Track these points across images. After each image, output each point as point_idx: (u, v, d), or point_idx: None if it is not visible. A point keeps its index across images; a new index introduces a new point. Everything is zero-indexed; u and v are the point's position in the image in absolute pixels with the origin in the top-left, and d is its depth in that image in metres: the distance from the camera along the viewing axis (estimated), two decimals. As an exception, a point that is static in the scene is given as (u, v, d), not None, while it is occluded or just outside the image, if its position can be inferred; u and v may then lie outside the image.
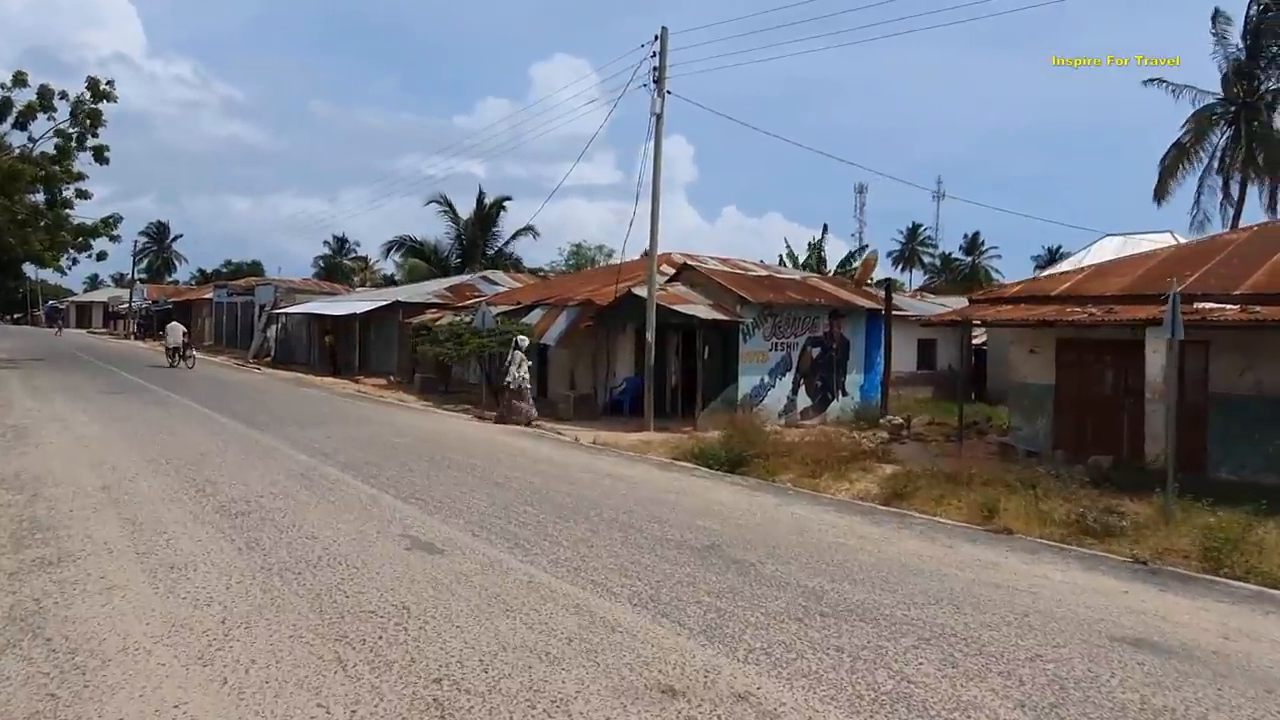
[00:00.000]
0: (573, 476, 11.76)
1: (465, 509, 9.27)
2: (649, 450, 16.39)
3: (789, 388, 21.74)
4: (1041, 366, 16.55)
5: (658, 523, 8.99)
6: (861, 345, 23.16)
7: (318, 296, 43.41)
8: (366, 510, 9.07)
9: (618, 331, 23.03)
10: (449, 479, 11.07)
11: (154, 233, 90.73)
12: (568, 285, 27.71)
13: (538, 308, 25.38)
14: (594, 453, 14.83)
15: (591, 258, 64.12)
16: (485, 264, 45.06)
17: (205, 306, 55.45)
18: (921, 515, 10.50)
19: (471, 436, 16.09)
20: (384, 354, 35.31)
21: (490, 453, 13.75)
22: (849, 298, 23.30)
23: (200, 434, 14.45)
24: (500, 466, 12.27)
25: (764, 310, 21.08)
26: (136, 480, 10.35)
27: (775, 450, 15.23)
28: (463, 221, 45.32)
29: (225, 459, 11.99)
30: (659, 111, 20.02)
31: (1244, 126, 32.62)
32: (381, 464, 11.98)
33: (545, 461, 13.02)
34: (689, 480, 12.13)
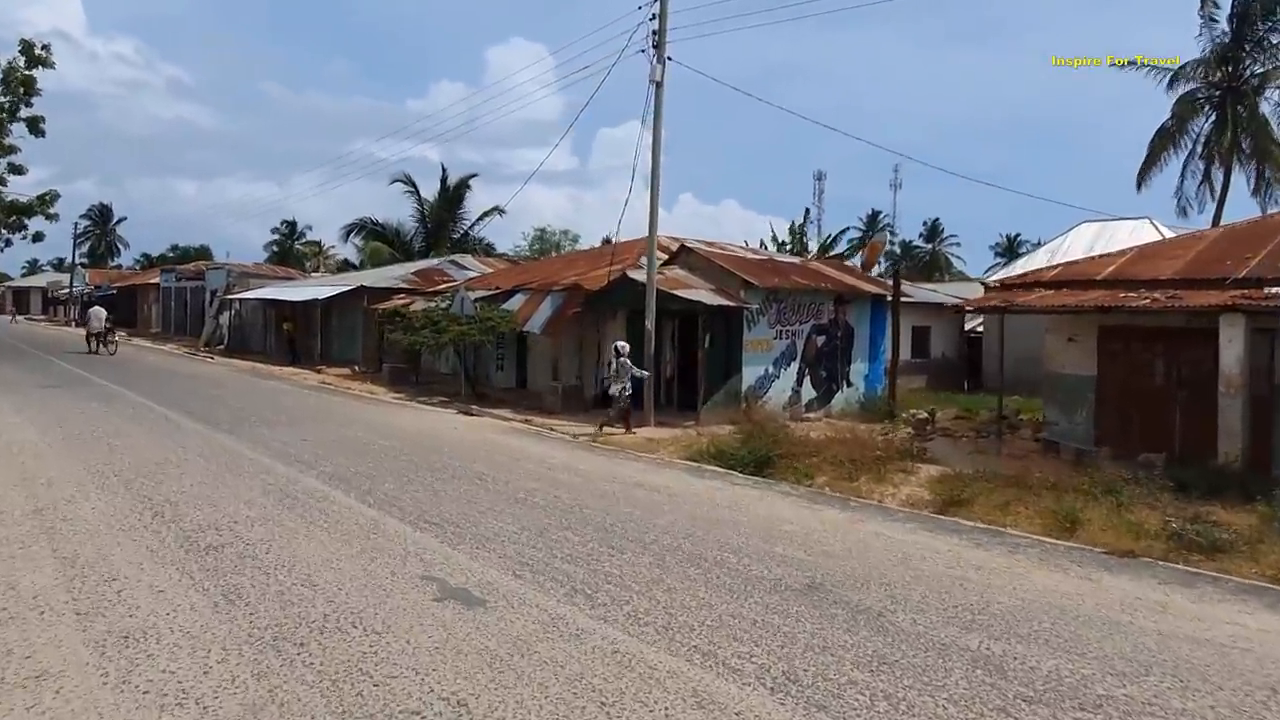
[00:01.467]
0: (600, 488, 10.00)
1: (492, 536, 7.47)
2: (658, 449, 14.70)
3: (793, 378, 20.17)
4: (1081, 356, 15.16)
5: (731, 552, 7.29)
6: (866, 333, 21.67)
7: (273, 281, 40.87)
8: (371, 540, 7.23)
9: (607, 319, 21.22)
10: (459, 494, 9.24)
11: (96, 216, 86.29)
12: (549, 269, 25.82)
13: (519, 293, 23.46)
14: (606, 456, 13.07)
15: (556, 243, 62.14)
16: (451, 247, 42.86)
17: (152, 292, 52.33)
18: (1016, 533, 8.93)
19: (463, 437, 14.22)
20: (347, 342, 33.06)
21: (493, 457, 11.92)
22: (854, 283, 21.78)
23: (154, 437, 12.39)
24: (513, 475, 10.47)
25: (769, 296, 19.45)
26: (78, 500, 8.36)
27: (801, 449, 13.65)
28: (427, 203, 42.99)
29: (186, 470, 10.00)
30: (659, 79, 18.20)
31: (1230, 111, 31.76)
32: (373, 474, 10.10)
33: (561, 469, 11.23)
34: (733, 490, 10.43)
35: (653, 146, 18.36)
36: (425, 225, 43.54)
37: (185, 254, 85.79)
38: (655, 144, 18.32)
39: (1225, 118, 31.87)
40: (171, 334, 46.59)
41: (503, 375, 24.69)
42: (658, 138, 18.33)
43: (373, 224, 43.78)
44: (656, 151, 18.34)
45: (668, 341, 21.08)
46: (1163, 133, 33.46)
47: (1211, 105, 32.94)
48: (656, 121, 18.30)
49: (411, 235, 44.17)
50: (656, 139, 18.31)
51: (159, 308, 50.48)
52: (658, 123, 18.32)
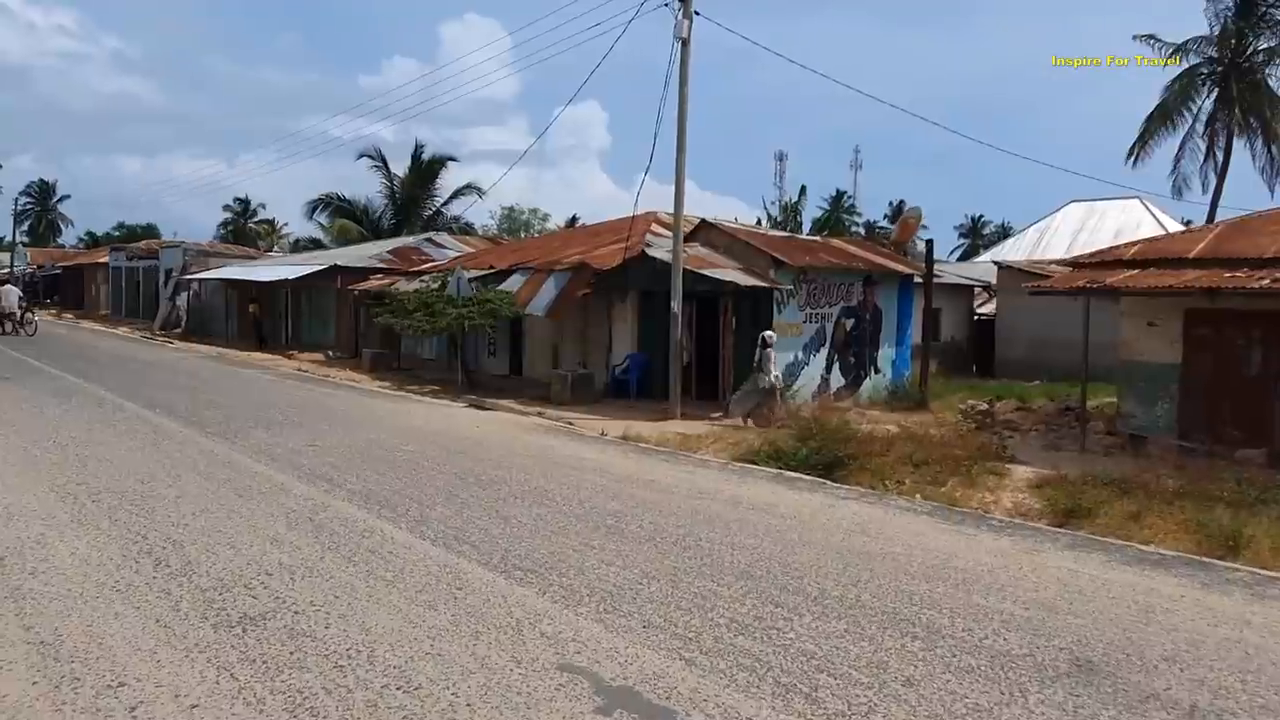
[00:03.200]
0: (693, 507, 8.18)
1: (613, 590, 5.63)
2: (699, 446, 12.98)
3: (822, 365, 18.54)
4: (1163, 343, 13.71)
5: (927, 607, 5.55)
6: (894, 316, 20.10)
7: (234, 260, 38.12)
8: (459, 600, 5.35)
9: (616, 300, 19.35)
10: (534, 521, 7.36)
11: (36, 192, 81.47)
12: (546, 247, 23.81)
13: (516, 272, 21.45)
14: (665, 459, 11.25)
15: (525, 221, 59.90)
16: (424, 225, 40.51)
17: (100, 272, 48.98)
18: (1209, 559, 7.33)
19: (490, 437, 12.28)
20: (319, 326, 30.70)
21: (542, 466, 10.03)
22: (883, 262, 20.16)
23: (133, 444, 10.27)
24: (581, 491, 8.60)
25: (799, 276, 17.75)
26: (50, 541, 6.33)
27: (867, 448, 12.02)
28: (397, 179, 40.52)
29: (183, 491, 7.98)
30: (684, 35, 16.28)
31: (1236, 87, 30.76)
32: (415, 494, 8.17)
33: (630, 480, 9.37)
34: (855, 508, 8.65)
35: (679, 109, 16.45)
36: (395, 202, 41.09)
37: (132, 233, 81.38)
38: (681, 106, 16.41)
39: (1231, 94, 30.85)
40: (123, 316, 43.53)
41: (494, 361, 22.72)
42: (684, 100, 16.42)
43: (339, 200, 41.19)
44: (683, 115, 16.43)
45: (685, 327, 19.28)
46: (1163, 110, 32.40)
47: (1214, 82, 31.93)
48: (682, 84, 16.39)
49: (380, 213, 41.70)
50: (683, 101, 16.41)
51: (108, 289, 47.24)
52: (683, 85, 16.41)
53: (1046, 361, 23.94)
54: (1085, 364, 14.10)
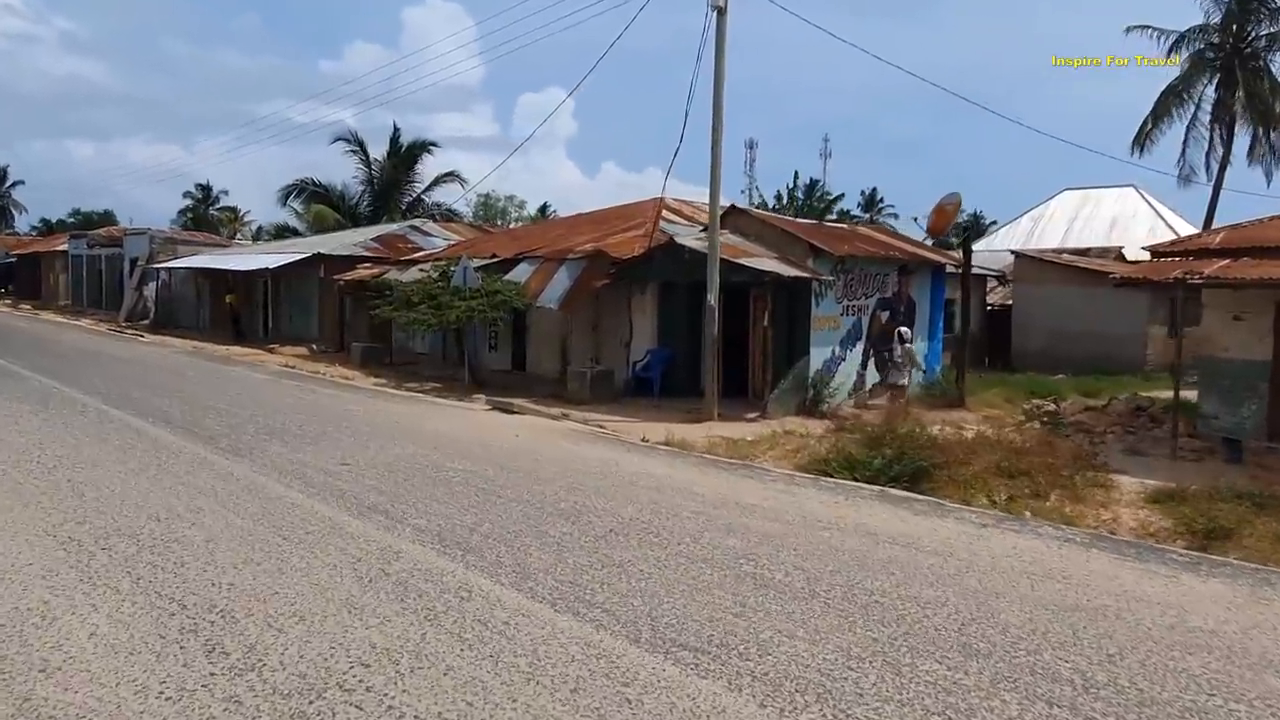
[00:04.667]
0: (826, 541, 6.82)
1: (820, 678, 4.25)
2: (754, 453, 11.70)
3: (858, 361, 17.29)
4: (1251, 338, 12.63)
5: (1232, 698, 4.27)
6: (927, 308, 18.91)
7: (205, 249, 35.98)
8: (630, 700, 3.93)
9: (635, 292, 17.91)
10: (652, 567, 5.94)
11: (-13, 178, 77.45)
12: (550, 235, 22.24)
13: (523, 262, 19.90)
14: (744, 474, 9.87)
15: (502, 209, 58.09)
16: (404, 212, 38.63)
17: (59, 260, 46.26)
18: None
19: (538, 449, 10.79)
20: (300, 317, 28.84)
21: (613, 483, 8.60)
22: (917, 251, 18.95)
23: (134, 465, 8.65)
24: (680, 521, 7.19)
25: (836, 265, 16.46)
26: (57, 614, 4.80)
27: (948, 455, 10.80)
28: (376, 164, 38.55)
29: (212, 532, 6.43)
30: (721, 4, 14.85)
31: (1240, 74, 30.03)
32: (493, 530, 6.71)
33: (724, 504, 7.96)
34: (1007, 540, 7.32)
35: (715, 84, 15.00)
36: (374, 188, 39.11)
37: (88, 219, 77.85)
38: (718, 80, 14.96)
39: (1235, 80, 30.14)
40: (85, 307, 41.06)
41: (495, 356, 21.13)
42: (720, 74, 14.98)
43: (315, 185, 39.08)
44: (719, 90, 14.99)
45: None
46: (1168, 97, 31.62)
47: (1215, 69, 31.21)
48: (719, 55, 14.96)
49: (357, 199, 39.71)
50: (719, 75, 14.97)
51: (68, 278, 44.61)
52: (720, 57, 14.98)
53: (1064, 353, 23.00)
54: (1178, 359, 12.95)
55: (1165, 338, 23.45)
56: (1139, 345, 22.33)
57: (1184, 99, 31.67)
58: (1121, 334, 22.45)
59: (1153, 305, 22.30)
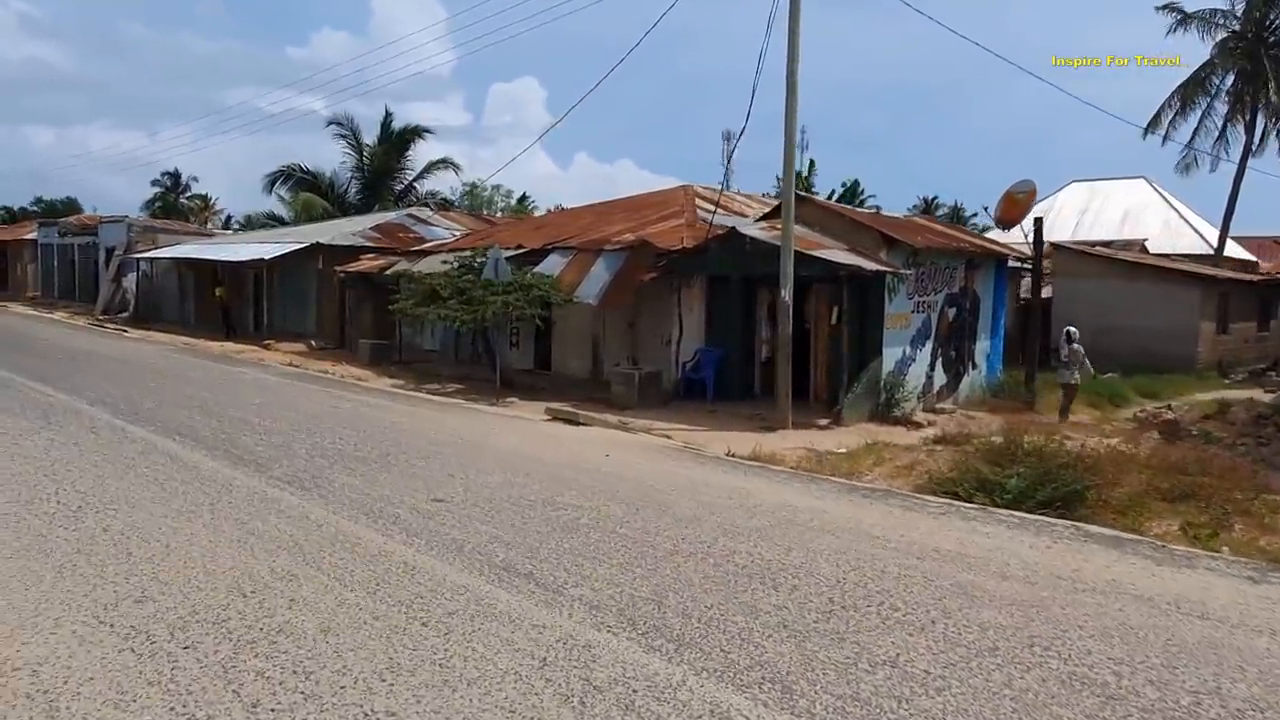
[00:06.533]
0: (1115, 612, 5.30)
1: None
2: (857, 468, 10.26)
3: (927, 361, 15.88)
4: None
5: None
6: (990, 304, 17.54)
7: (188, 238, 33.66)
8: None
9: (680, 286, 16.32)
10: (933, 664, 4.37)
11: (-56, 162, 73.60)
12: (575, 224, 20.53)
13: (553, 253, 18.22)
14: (903, 504, 8.33)
15: (489, 198, 56.07)
16: (395, 200, 36.62)
17: (26, 249, 43.52)
18: None
19: (637, 471, 9.18)
20: (296, 311, 26.84)
21: (767, 522, 7.02)
22: (983, 243, 17.56)
23: (178, 504, 6.89)
24: (910, 588, 5.62)
25: (909, 258, 15.01)
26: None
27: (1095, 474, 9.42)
28: (367, 150, 36.47)
29: (323, 615, 4.74)
30: (797, -28, 13.27)
31: (1268, 63, 29.06)
32: (690, 607, 5.10)
33: (927, 554, 6.40)
34: (1251, 592, 5.90)
35: (788, 59, 13.43)
36: (364, 175, 37.02)
37: (51, 207, 74.33)
38: (792, 51, 13.38)
39: (1264, 69, 29.15)
40: (56, 299, 38.52)
41: (518, 355, 19.41)
42: (795, 46, 13.40)
43: (302, 172, 36.90)
44: (794, 58, 13.39)
45: (764, 317, 16.41)
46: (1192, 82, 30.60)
47: (1238, 56, 30.22)
48: (793, 24, 13.37)
49: (346, 186, 37.61)
50: (793, 47, 13.39)
51: (37, 268, 41.92)
52: (794, 26, 13.40)
53: (1106, 350, 21.76)
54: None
55: (1214, 335, 22.39)
56: (1190, 343, 21.20)
57: (1205, 87, 30.71)
58: (1171, 330, 21.32)
59: (1204, 301, 21.21)
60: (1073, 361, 15.24)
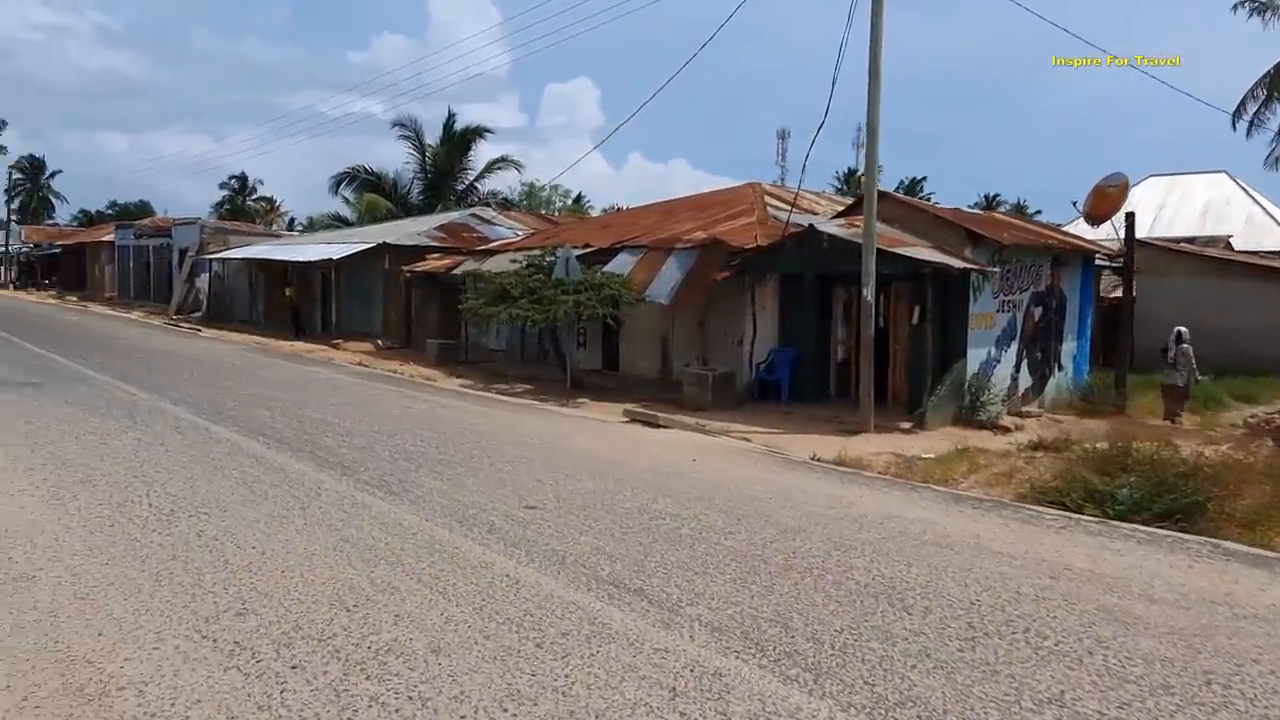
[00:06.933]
0: (1265, 641, 4.80)
1: None
2: (950, 474, 9.70)
3: (1011, 363, 15.19)
4: None
5: None
6: (1077, 303, 16.76)
7: (257, 239, 34.17)
8: None
9: (755, 285, 15.86)
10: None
11: (26, 168, 76.18)
12: (642, 223, 20.19)
13: (622, 252, 17.91)
14: (1014, 515, 7.82)
15: (546, 198, 56.08)
16: (456, 200, 36.74)
17: (104, 251, 44.68)
18: None
19: (725, 477, 8.80)
20: (361, 310, 26.98)
21: (876, 535, 6.56)
22: (1070, 240, 16.79)
23: (270, 510, 6.67)
24: (1062, 615, 5.13)
25: (994, 255, 14.37)
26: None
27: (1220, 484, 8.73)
28: (430, 150, 36.63)
29: (431, 633, 4.41)
30: (881, -41, 12.74)
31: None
32: (808, 628, 4.69)
33: (1061, 574, 5.90)
34: None
35: (871, 46, 12.89)
36: (426, 176, 37.19)
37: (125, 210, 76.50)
38: (875, 36, 12.84)
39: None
40: (132, 299, 39.44)
41: (585, 354, 19.10)
42: (878, 31, 12.86)
43: (366, 173, 37.22)
44: (877, 45, 12.85)
45: (840, 316, 15.90)
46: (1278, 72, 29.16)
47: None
48: (877, 9, 12.83)
49: (409, 187, 37.84)
50: (877, 31, 12.84)
51: (114, 269, 43.00)
52: (879, 11, 12.85)
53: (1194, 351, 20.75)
54: None
55: (1311, 335, 21.15)
56: (1288, 342, 20.02)
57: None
58: (1264, 330, 20.17)
59: (1301, 299, 20.05)
60: (1181, 363, 14.46)
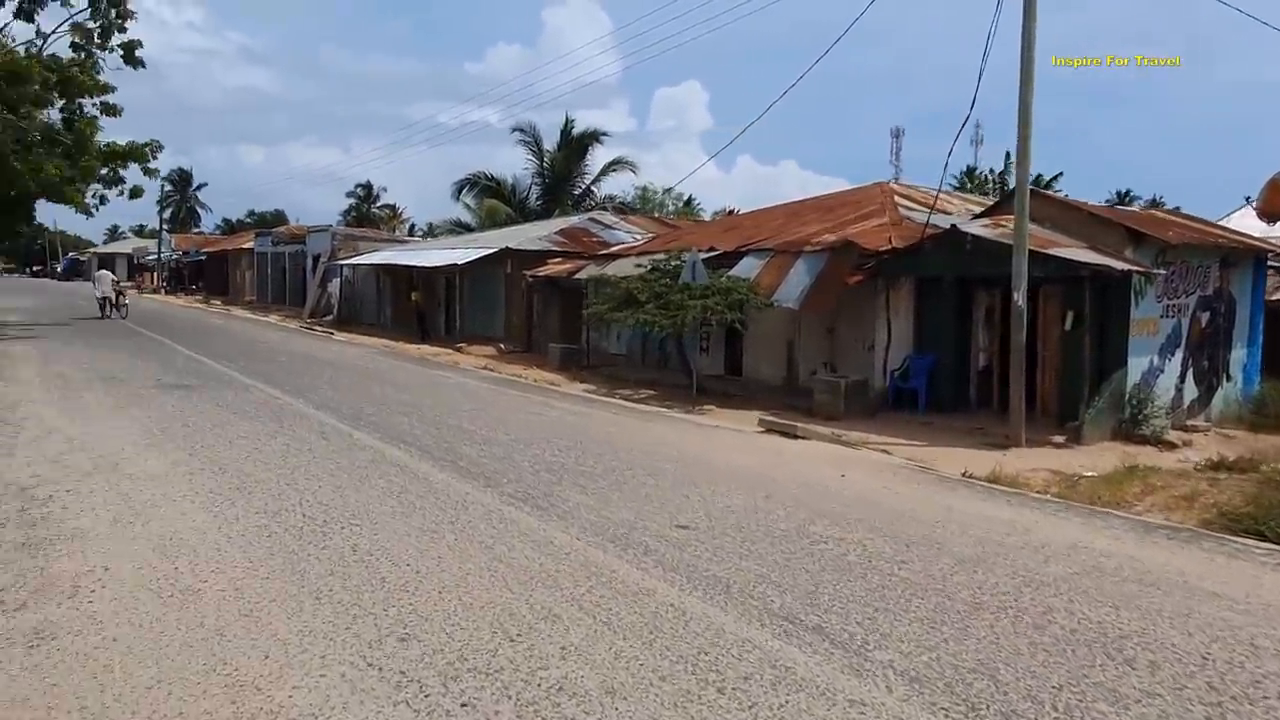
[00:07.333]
0: None
1: None
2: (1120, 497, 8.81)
3: (1176, 372, 13.95)
4: None
5: None
6: (1247, 307, 15.30)
7: (384, 245, 35.21)
8: None
9: (886, 289, 15.09)
10: None
11: (176, 180, 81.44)
12: (770, 225, 19.60)
13: (748, 255, 17.41)
14: (1224, 549, 6.98)
15: (660, 201, 55.93)
16: (573, 204, 36.94)
17: (244, 258, 47.04)
18: None
19: (869, 493, 8.22)
20: (484, 314, 27.32)
21: (1077, 571, 5.86)
22: (1240, 238, 15.35)
23: (420, 523, 6.51)
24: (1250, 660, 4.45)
25: (1158, 256, 13.20)
26: None
27: None
28: (548, 155, 36.95)
29: (602, 670, 4.05)
30: (1036, -59, 11.83)
31: None
32: (1040, 692, 4.16)
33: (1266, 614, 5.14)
34: None
35: (1024, 33, 12.01)
36: (545, 180, 37.54)
37: (262, 219, 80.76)
38: (1027, 34, 11.96)
39: None
40: (269, 302, 41.31)
41: (707, 359, 18.66)
42: (1031, 27, 11.97)
43: (486, 179, 37.86)
44: (1031, 22, 11.95)
45: (982, 321, 14.97)
46: None
47: None
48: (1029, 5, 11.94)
49: (527, 192, 38.28)
50: (1029, 27, 11.95)
51: (253, 274, 45.20)
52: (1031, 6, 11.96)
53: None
54: None
55: None
56: None
57: None
58: None
59: None
60: None
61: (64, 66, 20.06)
